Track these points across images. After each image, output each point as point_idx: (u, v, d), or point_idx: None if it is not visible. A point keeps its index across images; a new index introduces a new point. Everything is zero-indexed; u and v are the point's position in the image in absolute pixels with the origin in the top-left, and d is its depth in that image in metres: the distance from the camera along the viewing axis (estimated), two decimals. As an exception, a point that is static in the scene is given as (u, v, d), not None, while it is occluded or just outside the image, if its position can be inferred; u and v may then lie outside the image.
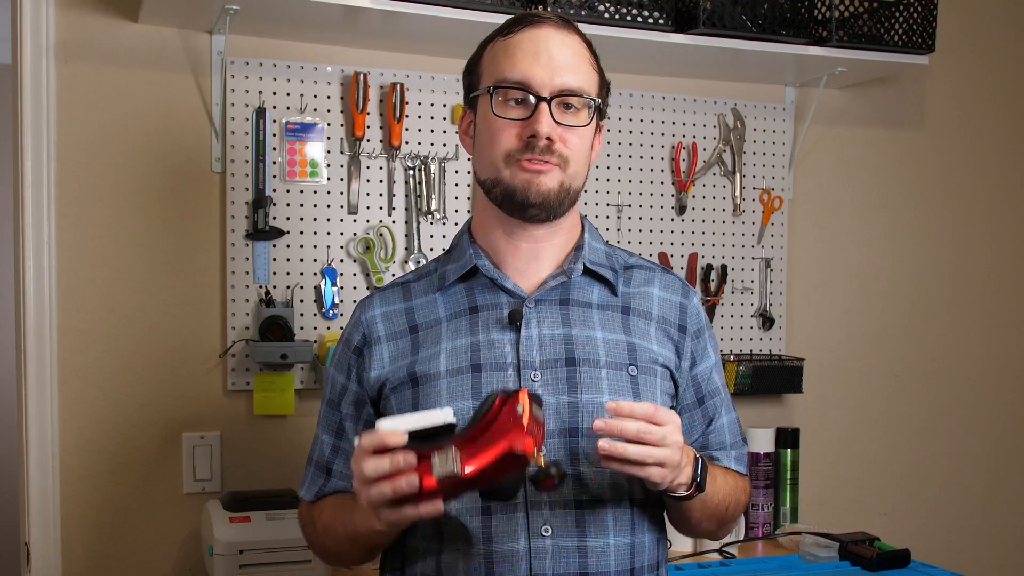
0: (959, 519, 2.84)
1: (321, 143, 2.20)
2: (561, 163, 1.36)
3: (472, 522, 1.32)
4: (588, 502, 1.33)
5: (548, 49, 1.36)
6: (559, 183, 1.36)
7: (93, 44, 2.06)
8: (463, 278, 1.43)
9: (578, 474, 1.33)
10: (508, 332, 1.37)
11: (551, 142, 1.34)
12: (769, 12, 2.27)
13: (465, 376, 1.35)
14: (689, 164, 2.51)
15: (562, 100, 1.35)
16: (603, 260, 1.45)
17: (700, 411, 1.47)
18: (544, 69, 1.35)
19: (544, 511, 1.31)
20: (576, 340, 1.37)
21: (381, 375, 1.41)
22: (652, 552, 1.40)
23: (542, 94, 1.34)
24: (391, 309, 1.45)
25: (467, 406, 1.33)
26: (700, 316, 1.48)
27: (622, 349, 1.39)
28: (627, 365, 1.38)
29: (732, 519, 1.48)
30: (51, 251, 2.04)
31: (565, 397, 1.34)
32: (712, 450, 1.49)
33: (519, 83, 1.35)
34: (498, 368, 1.35)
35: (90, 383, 2.07)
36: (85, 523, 2.07)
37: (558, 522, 1.32)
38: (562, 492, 1.31)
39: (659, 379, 1.40)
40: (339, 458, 1.46)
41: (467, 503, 1.32)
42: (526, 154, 1.35)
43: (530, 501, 1.31)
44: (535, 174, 1.35)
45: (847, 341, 2.71)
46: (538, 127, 1.33)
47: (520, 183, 1.35)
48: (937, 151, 2.81)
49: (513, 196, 1.36)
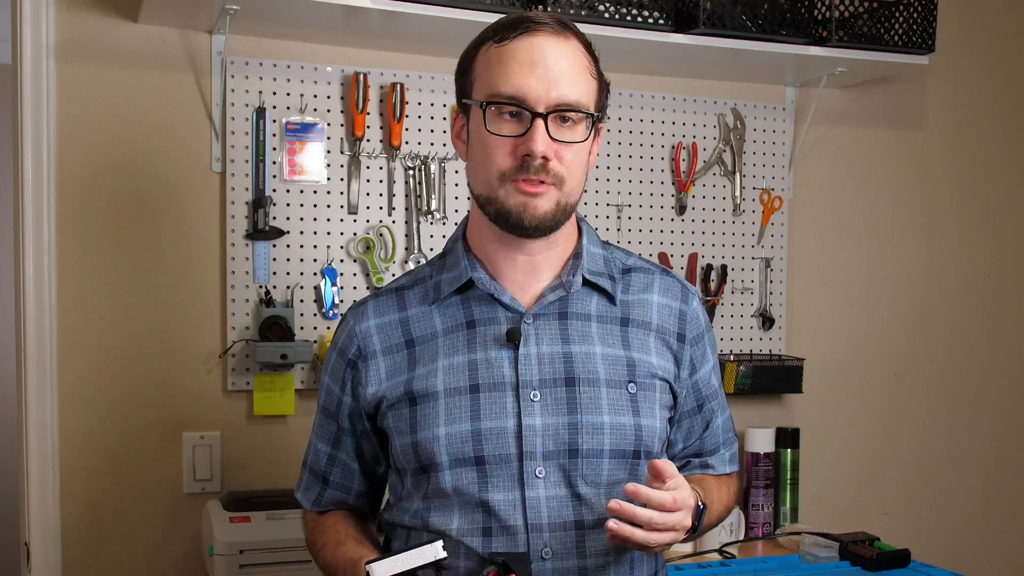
0: (959, 519, 2.84)
1: (321, 143, 2.20)
2: (556, 182, 1.31)
3: (473, 543, 1.31)
4: (587, 523, 1.33)
5: (544, 59, 1.29)
6: (555, 203, 1.32)
7: (93, 44, 2.06)
8: (459, 290, 1.40)
9: (577, 495, 1.32)
10: (506, 350, 1.35)
11: (546, 160, 1.29)
12: (769, 12, 2.27)
13: (463, 397, 1.33)
14: (689, 164, 2.51)
15: (559, 114, 1.30)
16: (601, 267, 1.42)
17: (700, 416, 1.47)
18: (540, 82, 1.28)
19: (544, 533, 1.31)
20: (575, 357, 1.35)
21: (378, 391, 1.39)
22: (651, 562, 1.40)
23: (537, 109, 1.28)
24: (386, 320, 1.42)
25: (465, 429, 1.32)
26: (700, 320, 1.47)
27: (621, 365, 1.37)
28: (626, 382, 1.36)
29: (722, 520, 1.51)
30: (51, 251, 2.04)
31: (564, 418, 1.33)
32: (707, 455, 1.49)
33: (513, 98, 1.29)
34: (496, 388, 1.33)
35: (90, 383, 2.07)
36: (85, 523, 2.07)
37: (558, 544, 1.31)
38: (562, 513, 1.32)
39: (658, 393, 1.39)
40: (335, 468, 1.47)
41: (469, 524, 1.32)
42: (521, 174, 1.30)
43: (530, 524, 1.31)
44: (530, 197, 1.30)
45: (847, 341, 2.71)
46: (533, 147, 1.28)
47: (515, 206, 1.31)
48: (937, 151, 2.81)
49: (508, 218, 1.32)
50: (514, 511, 1.31)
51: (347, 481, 1.48)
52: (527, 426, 1.32)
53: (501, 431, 1.32)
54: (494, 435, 1.32)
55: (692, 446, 1.48)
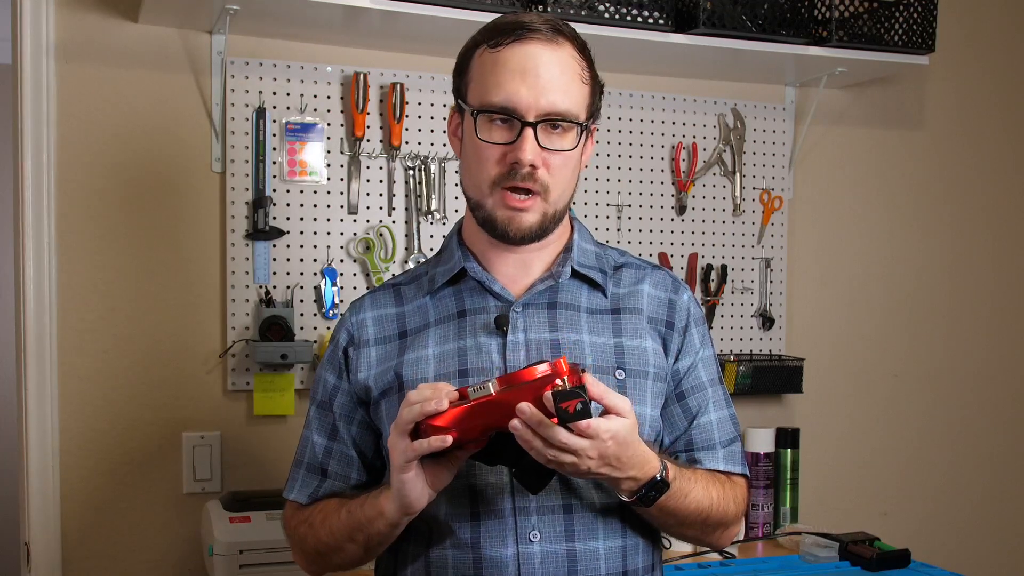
0: (959, 519, 2.84)
1: (321, 143, 2.20)
2: (543, 192, 1.33)
3: (461, 528, 1.32)
4: (576, 506, 1.33)
5: (536, 68, 1.30)
6: (541, 215, 1.35)
7: (93, 44, 2.06)
8: (452, 281, 1.42)
9: (565, 481, 1.32)
10: (495, 337, 1.37)
11: (534, 168, 1.31)
12: (769, 12, 2.27)
13: (452, 382, 1.34)
14: (689, 164, 2.51)
15: (548, 122, 1.31)
16: (592, 262, 1.44)
17: (679, 406, 1.44)
18: (530, 91, 1.30)
19: (532, 516, 1.31)
20: (563, 344, 1.36)
21: (368, 377, 1.41)
22: (647, 554, 1.39)
23: (527, 118, 1.30)
24: (382, 313, 1.45)
25: None
26: (690, 311, 1.46)
27: (609, 353, 1.38)
28: (614, 369, 1.37)
29: (719, 525, 1.42)
30: (51, 251, 2.04)
31: None
32: (697, 450, 1.44)
33: (504, 108, 1.31)
34: (485, 374, 1.34)
35: (90, 383, 2.07)
36: (85, 523, 2.07)
37: (546, 527, 1.31)
38: (550, 497, 1.31)
39: (650, 381, 1.39)
40: (334, 459, 1.45)
41: (456, 508, 1.32)
42: (508, 181, 1.32)
43: (518, 507, 1.31)
44: (516, 212, 1.33)
45: (847, 341, 2.71)
46: (521, 155, 1.30)
47: (501, 218, 1.34)
48: (937, 151, 2.81)
49: (494, 227, 1.35)
50: (501, 496, 1.31)
51: (346, 471, 1.45)
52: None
53: None
54: None
55: (681, 440, 1.44)
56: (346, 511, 1.36)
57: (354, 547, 1.37)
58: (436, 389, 1.21)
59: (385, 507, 1.28)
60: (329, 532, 1.39)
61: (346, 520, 1.36)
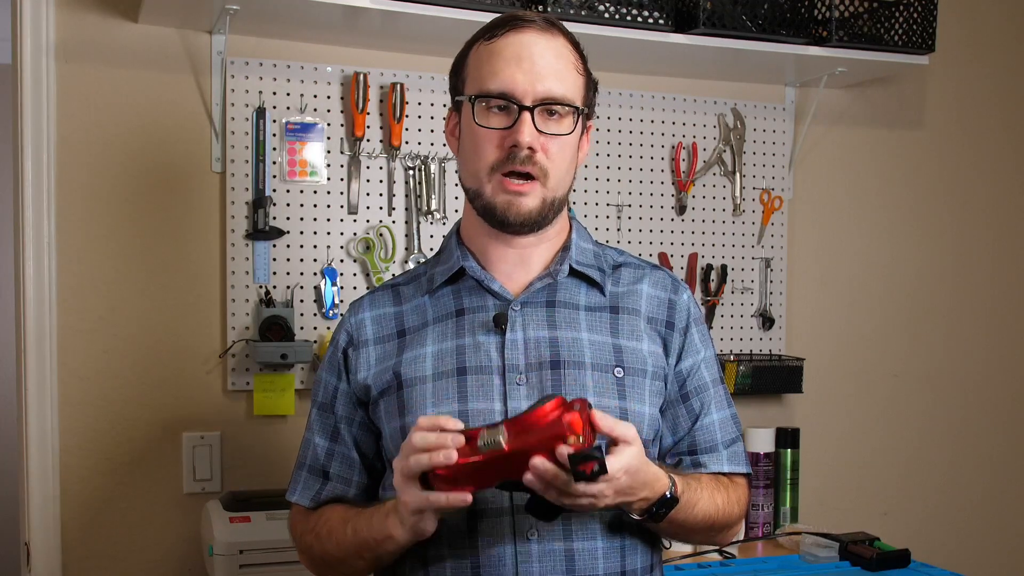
0: (959, 519, 2.84)
1: (321, 143, 2.20)
2: (541, 176, 1.35)
3: (459, 525, 1.32)
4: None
5: (531, 55, 1.33)
6: (540, 200, 1.36)
7: (93, 44, 2.06)
8: (451, 280, 1.43)
9: None
10: (493, 335, 1.37)
11: (532, 152, 1.33)
12: (769, 12, 2.27)
13: (450, 380, 1.35)
14: (689, 164, 2.51)
15: (545, 108, 1.34)
16: (591, 260, 1.44)
17: (684, 407, 1.45)
18: (527, 76, 1.33)
19: (530, 515, 1.30)
20: (561, 342, 1.37)
21: (367, 377, 1.41)
22: (645, 554, 1.39)
23: (524, 103, 1.32)
24: (381, 312, 1.46)
25: (452, 409, 1.33)
26: (690, 311, 1.47)
27: (608, 351, 1.38)
28: (613, 367, 1.37)
29: (725, 527, 1.44)
30: (51, 251, 2.04)
31: None
32: (701, 452, 1.45)
33: (501, 93, 1.33)
34: (483, 372, 1.35)
35: (90, 383, 2.07)
36: (85, 523, 2.07)
37: (544, 525, 1.31)
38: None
39: (648, 380, 1.39)
40: (335, 461, 1.45)
41: None
42: (507, 166, 1.33)
43: (516, 505, 1.31)
44: (515, 195, 1.34)
45: (847, 341, 2.71)
46: (519, 137, 1.32)
47: (500, 203, 1.35)
48: (937, 151, 2.81)
49: (494, 214, 1.36)
50: (499, 494, 1.31)
51: (348, 473, 1.46)
52: (513, 409, 1.33)
53: (488, 413, 1.33)
54: (480, 417, 1.33)
55: (684, 441, 1.45)
56: (352, 529, 1.37)
57: (362, 563, 1.39)
58: (439, 432, 1.19)
59: (395, 532, 1.28)
60: (336, 546, 1.40)
61: (352, 538, 1.36)
